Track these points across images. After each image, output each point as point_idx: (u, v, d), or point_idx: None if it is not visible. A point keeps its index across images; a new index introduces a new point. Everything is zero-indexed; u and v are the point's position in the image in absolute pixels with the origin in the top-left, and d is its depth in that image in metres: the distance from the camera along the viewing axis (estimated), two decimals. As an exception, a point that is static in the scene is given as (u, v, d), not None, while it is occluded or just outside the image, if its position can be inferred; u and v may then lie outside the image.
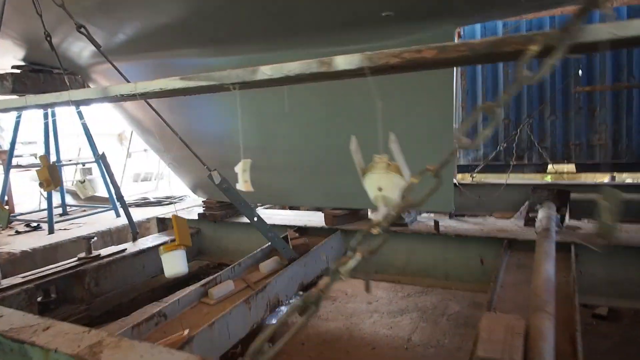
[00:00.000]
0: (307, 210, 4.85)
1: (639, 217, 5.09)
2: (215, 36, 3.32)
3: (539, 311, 1.94)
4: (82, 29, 2.46)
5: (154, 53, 3.57)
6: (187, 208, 5.06)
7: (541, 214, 2.98)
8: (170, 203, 5.81)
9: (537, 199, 3.16)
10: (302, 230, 3.70)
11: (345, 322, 3.61)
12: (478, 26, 6.73)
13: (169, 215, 4.60)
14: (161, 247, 2.08)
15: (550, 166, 7.25)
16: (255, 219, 2.97)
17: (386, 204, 1.35)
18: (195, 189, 4.78)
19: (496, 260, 3.19)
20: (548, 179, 7.85)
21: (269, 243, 3.34)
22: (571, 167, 7.27)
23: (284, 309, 3.13)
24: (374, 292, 4.17)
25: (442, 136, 3.20)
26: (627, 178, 8.03)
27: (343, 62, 1.21)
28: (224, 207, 4.21)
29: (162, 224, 4.60)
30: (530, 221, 3.20)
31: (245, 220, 4.08)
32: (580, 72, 6.64)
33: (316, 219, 3.87)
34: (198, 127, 3.90)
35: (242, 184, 1.52)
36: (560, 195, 3.13)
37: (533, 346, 1.75)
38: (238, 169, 1.54)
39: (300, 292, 3.31)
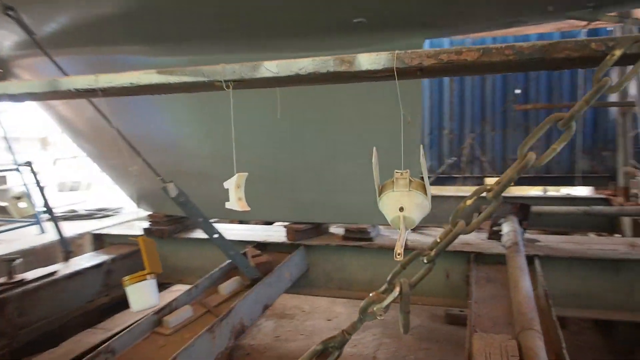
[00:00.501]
0: (256, 224, 4.63)
1: (571, 228, 5.38)
2: (166, 33, 3.06)
3: (527, 330, 1.88)
4: (11, 12, 2.11)
5: (93, 48, 3.23)
6: (127, 222, 4.66)
7: (507, 227, 2.98)
8: (105, 216, 5.34)
9: (501, 212, 3.17)
10: (261, 246, 3.48)
11: (307, 342, 3.44)
12: (427, 42, 6.88)
13: (106, 231, 4.21)
14: (125, 279, 1.80)
15: (487, 179, 7.52)
16: (216, 235, 2.73)
17: (407, 226, 1.21)
18: (138, 200, 4.41)
19: (461, 275, 3.15)
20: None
21: (228, 262, 3.10)
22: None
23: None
24: (333, 308, 4.03)
25: (409, 147, 3.13)
26: (550, 191, 8.51)
27: (368, 61, 1.06)
28: (173, 221, 3.90)
29: (98, 241, 4.18)
30: (494, 235, 3.20)
31: (197, 236, 3.80)
32: (518, 91, 6.96)
33: (275, 233, 3.66)
34: (144, 132, 3.59)
35: (236, 202, 1.32)
36: (522, 208, 3.16)
37: (531, 369, 1.68)
38: (230, 184, 1.34)
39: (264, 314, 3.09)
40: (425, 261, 1.02)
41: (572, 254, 2.82)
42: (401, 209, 1.19)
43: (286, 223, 3.59)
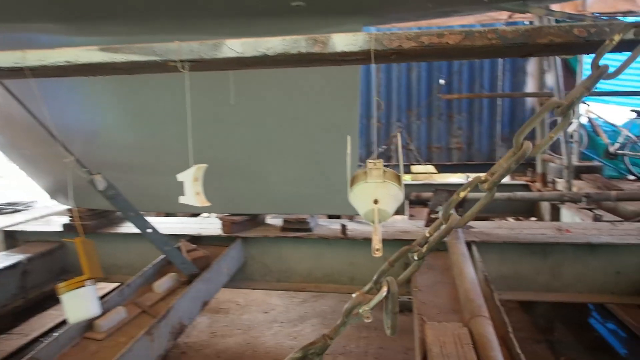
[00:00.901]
0: (184, 216, 4.42)
1: (492, 213, 5.67)
2: (86, 8, 2.78)
3: (477, 317, 1.91)
4: None
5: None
6: (43, 217, 4.25)
7: (445, 215, 3.04)
8: (16, 211, 4.83)
9: (438, 200, 3.23)
10: (195, 240, 3.30)
11: (245, 337, 3.33)
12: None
13: (20, 227, 3.81)
14: (60, 286, 1.58)
15: (414, 167, 7.74)
16: (150, 230, 2.54)
17: (382, 218, 1.15)
18: (54, 193, 4.03)
19: (400, 262, 3.18)
20: (408, 179, 8.38)
21: (161, 257, 2.91)
22: (431, 168, 7.85)
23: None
24: (269, 300, 3.95)
25: (345, 134, 3.10)
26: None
27: (343, 42, 0.97)
28: (96, 216, 3.60)
29: (11, 239, 3.77)
30: (431, 222, 3.25)
31: (123, 231, 3.55)
32: (442, 81, 7.19)
33: (210, 226, 3.50)
34: (64, 119, 3.26)
35: (193, 197, 1.19)
36: (457, 195, 3.24)
37: (485, 356, 1.70)
38: (186, 177, 1.21)
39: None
40: (415, 258, 0.96)
41: (505, 239, 2.94)
42: (376, 202, 1.13)
43: (220, 215, 3.44)
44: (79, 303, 1.53)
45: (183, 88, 3.15)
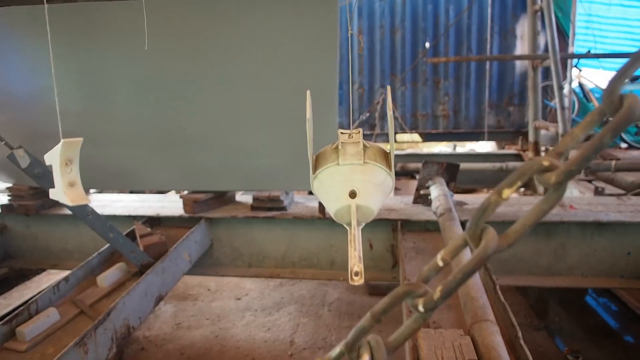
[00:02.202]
0: (151, 192, 4.01)
1: (480, 185, 5.36)
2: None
3: (482, 322, 1.58)
4: None
5: None
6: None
7: (436, 191, 2.68)
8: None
9: (427, 174, 2.86)
10: (153, 221, 2.90)
11: (213, 328, 2.98)
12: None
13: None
14: None
15: (399, 136, 7.37)
16: (89, 215, 2.13)
17: (362, 219, 0.77)
18: (-9, 170, 3.57)
19: (386, 244, 2.84)
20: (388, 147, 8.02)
21: (109, 244, 2.51)
22: (416, 136, 7.49)
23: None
24: (242, 284, 3.59)
25: (323, 98, 2.70)
26: (458, 147, 8.64)
27: None
28: (41, 194, 3.16)
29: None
30: (420, 198, 2.90)
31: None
32: (428, 45, 6.76)
33: (171, 204, 3.09)
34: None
35: (65, 191, 0.79)
36: (449, 169, 2.88)
37: (493, 373, 1.37)
38: (52, 159, 0.80)
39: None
40: (421, 308, 0.57)
41: (504, 218, 2.60)
42: (352, 194, 0.73)
43: (182, 193, 3.03)
44: None
45: (135, 43, 2.69)
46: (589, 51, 6.30)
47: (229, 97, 2.79)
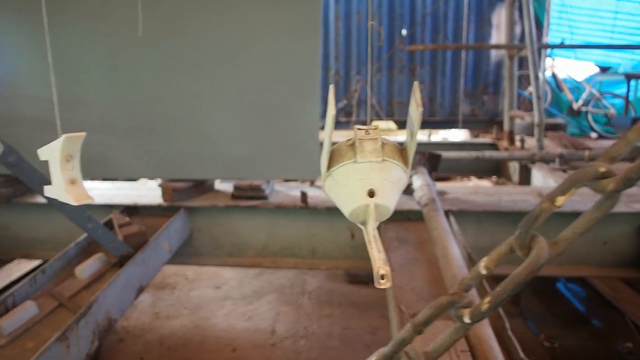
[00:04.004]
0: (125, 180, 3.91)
1: (455, 173, 5.43)
2: None
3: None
4: None
5: None
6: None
7: (418, 181, 2.70)
8: None
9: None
10: (131, 210, 2.84)
11: (193, 318, 2.96)
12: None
13: None
14: None
15: (374, 123, 7.37)
16: (66, 205, 2.05)
17: (380, 218, 0.76)
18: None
19: (368, 233, 2.85)
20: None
21: (87, 234, 2.44)
22: (392, 124, 7.51)
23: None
24: (221, 273, 3.56)
25: (304, 84, 2.68)
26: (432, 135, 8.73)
27: None
28: (12, 182, 3.05)
29: None
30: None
31: (45, 200, 3.01)
32: (405, 32, 6.75)
33: (149, 193, 3.02)
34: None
35: (66, 189, 0.75)
36: (431, 158, 2.90)
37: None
38: (50, 154, 0.75)
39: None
40: (467, 320, 0.57)
41: (484, 208, 2.64)
42: (371, 193, 0.72)
43: (161, 181, 2.96)
44: None
45: (109, 27, 2.59)
46: (562, 42, 6.42)
47: (206, 83, 2.74)
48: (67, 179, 0.78)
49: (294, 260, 2.84)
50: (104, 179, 3.87)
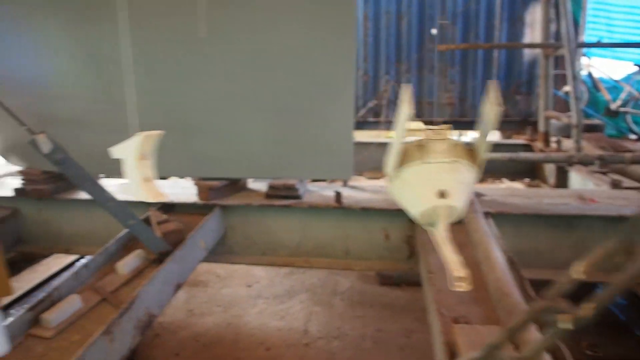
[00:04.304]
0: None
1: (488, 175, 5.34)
2: None
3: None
4: None
5: None
6: (-7, 178, 3.74)
7: (455, 181, 2.66)
8: (-41, 171, 4.23)
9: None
10: (167, 208, 2.87)
11: (226, 316, 2.98)
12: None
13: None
14: None
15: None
16: (110, 202, 2.09)
17: (450, 219, 0.75)
18: (5, 152, 3.51)
19: (402, 234, 2.83)
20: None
21: (127, 230, 2.48)
22: (420, 124, 7.44)
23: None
24: (252, 271, 3.58)
25: (338, 85, 2.67)
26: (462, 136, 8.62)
27: None
28: (54, 179, 3.13)
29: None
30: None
31: (86, 196, 3.08)
32: (435, 31, 6.68)
33: (183, 191, 3.06)
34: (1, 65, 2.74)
35: (141, 186, 0.76)
36: (467, 159, 2.84)
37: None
38: (126, 152, 0.77)
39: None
40: (567, 326, 0.55)
41: (524, 211, 2.58)
42: (442, 195, 0.71)
43: (196, 180, 2.99)
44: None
45: (140, 28, 2.62)
46: (599, 40, 6.25)
47: (241, 83, 2.75)
48: (142, 177, 0.79)
49: (327, 261, 2.84)
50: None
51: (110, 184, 3.42)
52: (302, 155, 2.80)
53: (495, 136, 7.35)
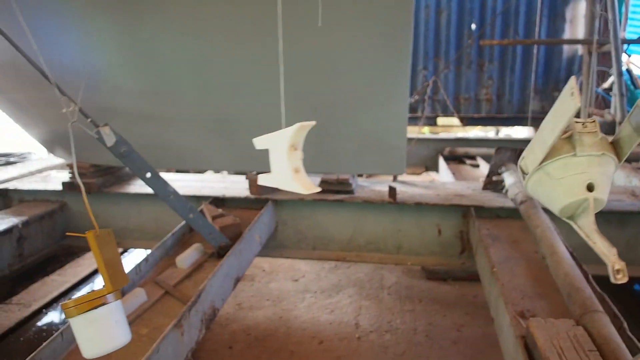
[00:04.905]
0: (197, 172, 4.00)
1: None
2: None
3: (593, 312, 1.53)
4: None
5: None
6: (40, 172, 3.82)
7: (511, 178, 2.61)
8: (8, 163, 4.32)
9: (500, 160, 2.78)
10: (218, 202, 2.90)
11: (276, 310, 2.98)
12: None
13: (13, 185, 3.35)
14: (69, 305, 0.97)
15: (440, 119, 7.24)
16: (171, 196, 2.11)
17: (596, 209, 0.73)
18: (51, 145, 3.58)
19: (455, 230, 2.79)
20: (425, 131, 7.90)
21: (181, 224, 2.51)
22: (455, 120, 7.33)
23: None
24: (297, 265, 3.59)
25: (393, 80, 2.63)
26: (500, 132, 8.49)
27: None
28: (102, 172, 3.18)
29: (4, 198, 3.32)
30: (490, 184, 2.83)
31: (134, 190, 3.14)
32: (474, 27, 6.58)
33: (233, 185, 3.08)
34: (58, 58, 2.78)
35: (290, 176, 0.75)
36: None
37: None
38: (274, 143, 0.76)
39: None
40: None
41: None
42: (591, 187, 0.68)
43: (248, 174, 3.00)
44: (97, 330, 0.97)
45: (198, 21, 2.62)
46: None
47: (294, 78, 2.73)
48: (293, 168, 0.78)
49: (379, 255, 2.82)
50: (177, 171, 3.99)
51: (170, 178, 3.48)
52: (355, 150, 2.78)
53: (525, 132, 7.22)
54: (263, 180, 0.86)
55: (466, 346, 2.57)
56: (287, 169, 0.77)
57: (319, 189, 0.83)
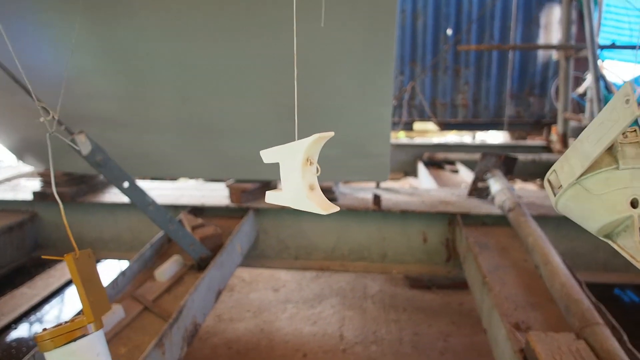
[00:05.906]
0: (171, 180, 3.88)
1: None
2: None
3: (593, 325, 1.50)
4: None
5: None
6: (9, 180, 3.63)
7: (497, 185, 2.59)
8: (-25, 173, 4.13)
9: (486, 166, 2.76)
10: (197, 211, 2.79)
11: (257, 321, 2.89)
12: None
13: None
14: (43, 336, 0.85)
15: (416, 124, 7.25)
16: (150, 206, 2.01)
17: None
18: (21, 153, 3.41)
19: (440, 238, 2.75)
20: (401, 135, 7.91)
21: (160, 235, 2.40)
22: (431, 125, 7.37)
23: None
24: (277, 275, 3.50)
25: (376, 87, 2.59)
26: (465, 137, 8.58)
27: None
28: (75, 181, 3.03)
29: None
30: (475, 191, 2.81)
31: (109, 199, 3.00)
32: (450, 32, 6.62)
33: (213, 194, 2.97)
34: (30, 63, 2.64)
35: (306, 193, 0.69)
36: (507, 161, 2.78)
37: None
38: (287, 155, 0.69)
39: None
40: None
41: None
42: (635, 204, 0.63)
43: (227, 182, 2.91)
44: (76, 363, 0.87)
45: (175, 26, 2.52)
46: (613, 43, 6.20)
47: (273, 84, 2.67)
48: (308, 185, 0.71)
49: (363, 264, 2.76)
50: (152, 179, 3.85)
51: (146, 187, 3.34)
52: (337, 156, 2.72)
53: (500, 137, 7.30)
54: (272, 198, 0.78)
55: (454, 356, 2.53)
56: (301, 186, 0.70)
57: (338, 209, 0.75)
